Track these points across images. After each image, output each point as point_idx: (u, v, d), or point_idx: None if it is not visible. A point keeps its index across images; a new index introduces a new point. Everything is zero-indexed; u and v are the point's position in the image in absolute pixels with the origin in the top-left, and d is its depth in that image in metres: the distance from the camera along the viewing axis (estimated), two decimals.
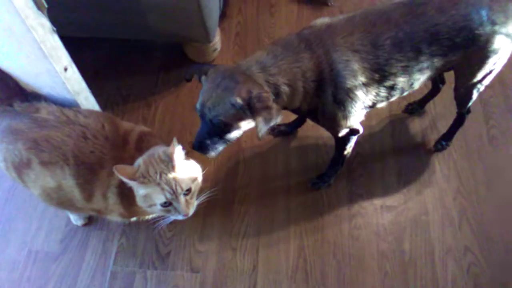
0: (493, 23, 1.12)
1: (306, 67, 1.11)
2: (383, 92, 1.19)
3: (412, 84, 1.21)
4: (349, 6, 2.03)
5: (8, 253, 1.47)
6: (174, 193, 1.02)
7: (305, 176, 1.59)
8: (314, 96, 1.15)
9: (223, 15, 1.93)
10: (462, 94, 1.40)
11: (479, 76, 1.27)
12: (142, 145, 1.14)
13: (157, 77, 1.86)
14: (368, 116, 1.24)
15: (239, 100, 1.05)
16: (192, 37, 1.69)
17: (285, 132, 1.69)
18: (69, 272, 1.43)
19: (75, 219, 1.50)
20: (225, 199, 1.55)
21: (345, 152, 1.44)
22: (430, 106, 1.73)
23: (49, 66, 1.10)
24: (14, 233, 1.50)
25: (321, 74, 1.12)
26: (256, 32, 1.97)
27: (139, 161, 1.05)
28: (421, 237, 1.46)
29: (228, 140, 1.15)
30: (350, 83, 1.12)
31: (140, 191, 1.03)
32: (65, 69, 1.15)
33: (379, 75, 1.14)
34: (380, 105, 1.25)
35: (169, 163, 1.02)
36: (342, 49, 1.10)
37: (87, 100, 1.29)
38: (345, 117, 1.20)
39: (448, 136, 1.61)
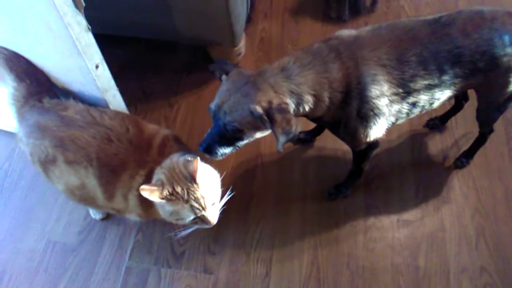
0: None
1: (334, 78, 1.10)
2: (405, 108, 1.19)
3: (433, 103, 1.20)
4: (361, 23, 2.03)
5: (27, 242, 1.50)
6: (203, 209, 1.02)
7: (322, 185, 1.59)
8: (338, 108, 1.14)
9: (248, 20, 1.95)
10: (484, 115, 1.39)
11: (501, 99, 1.26)
12: (165, 149, 1.14)
13: (180, 77, 1.88)
14: (388, 129, 1.24)
15: (258, 109, 1.03)
16: (219, 40, 1.71)
17: (304, 140, 1.69)
18: (85, 264, 1.45)
19: (94, 213, 1.52)
20: (241, 202, 1.56)
21: (363, 165, 1.44)
22: (451, 122, 1.71)
23: (81, 63, 1.13)
24: (34, 223, 1.54)
25: (348, 86, 1.11)
26: (281, 38, 1.98)
27: (160, 176, 1.03)
28: (436, 254, 1.45)
29: (238, 146, 1.15)
30: (376, 97, 1.12)
31: (167, 208, 1.03)
32: (97, 67, 1.17)
33: (404, 91, 1.14)
34: (400, 122, 1.25)
35: (192, 179, 1.01)
36: (370, 63, 1.10)
37: (114, 98, 1.32)
38: (367, 133, 1.20)
39: (468, 154, 1.59)
